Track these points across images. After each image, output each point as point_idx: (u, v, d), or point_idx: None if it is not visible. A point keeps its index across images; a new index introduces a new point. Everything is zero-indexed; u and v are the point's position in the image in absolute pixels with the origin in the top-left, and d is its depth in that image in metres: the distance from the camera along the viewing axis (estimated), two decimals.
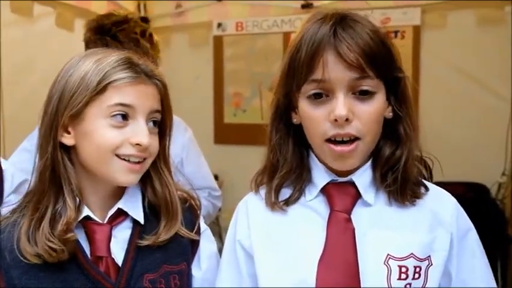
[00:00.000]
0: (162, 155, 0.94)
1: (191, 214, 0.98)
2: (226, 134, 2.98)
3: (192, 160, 1.74)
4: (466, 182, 2.37)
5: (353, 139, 0.82)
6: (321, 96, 0.82)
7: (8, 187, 1.15)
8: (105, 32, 1.52)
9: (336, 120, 0.80)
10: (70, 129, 0.88)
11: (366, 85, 0.81)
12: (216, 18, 2.93)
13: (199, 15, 2.96)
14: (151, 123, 0.90)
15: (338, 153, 0.82)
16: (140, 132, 0.86)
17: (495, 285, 0.90)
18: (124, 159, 0.86)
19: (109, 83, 0.85)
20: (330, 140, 0.83)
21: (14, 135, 1.81)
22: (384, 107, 0.85)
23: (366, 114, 0.82)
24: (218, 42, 2.95)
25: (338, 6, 2.51)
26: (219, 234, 2.89)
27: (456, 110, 2.48)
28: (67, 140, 0.88)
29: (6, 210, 0.92)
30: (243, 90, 2.94)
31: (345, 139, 0.82)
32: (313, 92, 0.82)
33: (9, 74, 2.01)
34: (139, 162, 0.88)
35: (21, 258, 0.84)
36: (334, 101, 0.81)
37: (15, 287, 0.85)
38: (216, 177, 3.02)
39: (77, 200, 0.86)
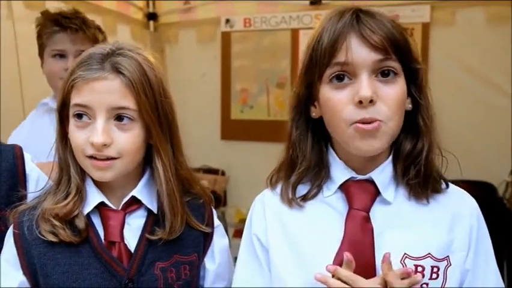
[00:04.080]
0: (161, 148, 0.91)
1: (204, 209, 1.00)
2: (233, 130, 2.98)
3: None
4: (472, 180, 2.35)
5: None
6: (344, 78, 0.81)
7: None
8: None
9: (360, 102, 0.79)
10: None
11: (390, 66, 0.81)
12: (224, 14, 2.93)
13: (207, 12, 2.96)
14: (120, 120, 0.87)
15: (366, 131, 0.80)
16: (94, 131, 0.85)
17: None
18: (92, 157, 0.87)
19: (71, 82, 0.87)
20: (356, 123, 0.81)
21: None
22: (406, 93, 0.84)
23: (391, 96, 0.81)
24: (226, 38, 2.95)
25: (347, 3, 2.50)
26: (225, 230, 2.89)
27: (464, 108, 2.46)
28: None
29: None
30: (250, 87, 2.94)
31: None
32: (336, 73, 0.81)
33: (28, 69, 2.04)
34: (107, 159, 0.87)
35: (40, 236, 0.88)
36: (358, 83, 0.80)
37: (34, 265, 0.89)
38: (223, 173, 3.05)
39: (78, 186, 0.90)
